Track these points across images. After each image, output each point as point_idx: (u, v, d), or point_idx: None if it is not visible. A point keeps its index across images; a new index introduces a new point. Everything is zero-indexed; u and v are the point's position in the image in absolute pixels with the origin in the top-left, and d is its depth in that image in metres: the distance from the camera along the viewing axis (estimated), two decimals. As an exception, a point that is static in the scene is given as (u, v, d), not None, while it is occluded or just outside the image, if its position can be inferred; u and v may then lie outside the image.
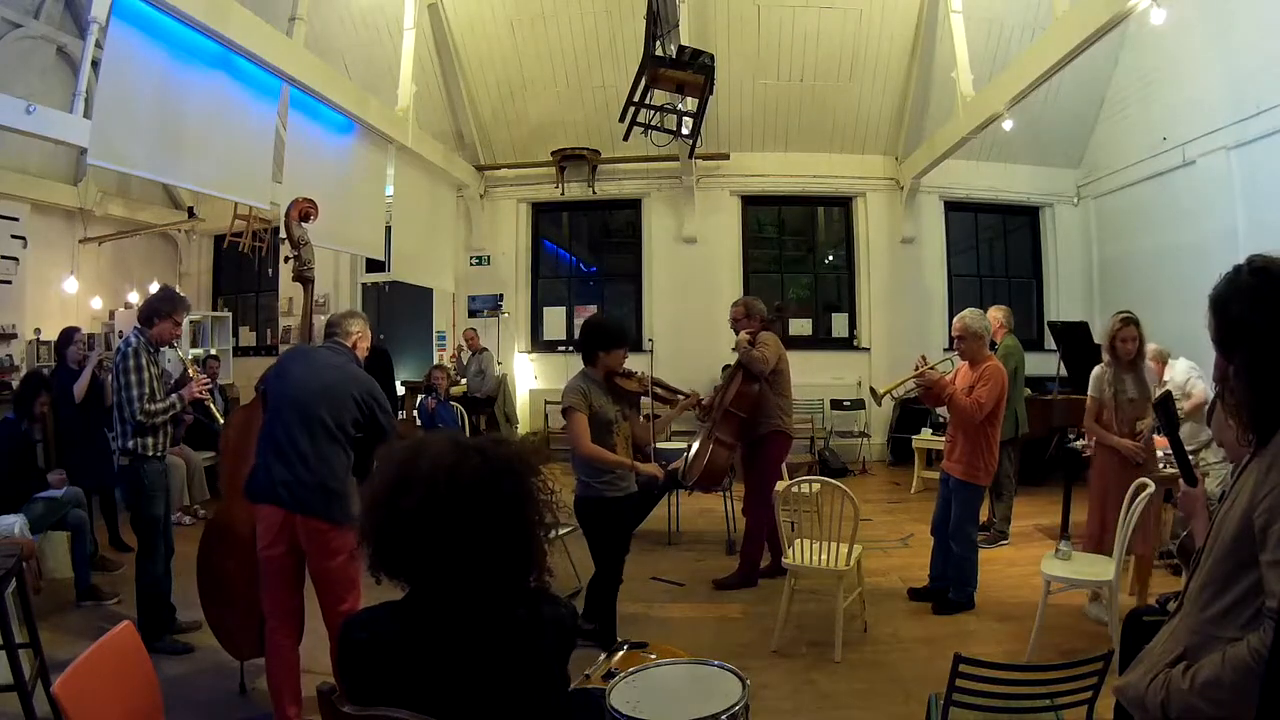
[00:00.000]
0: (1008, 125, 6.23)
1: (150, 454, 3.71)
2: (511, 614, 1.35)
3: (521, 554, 1.35)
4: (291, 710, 2.78)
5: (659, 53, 5.19)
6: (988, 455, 4.07)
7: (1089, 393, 4.17)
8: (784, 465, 4.86)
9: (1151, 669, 1.40)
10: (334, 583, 2.78)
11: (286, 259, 3.31)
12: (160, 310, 3.78)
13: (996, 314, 5.45)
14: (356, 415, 2.83)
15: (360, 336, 3.10)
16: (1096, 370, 4.19)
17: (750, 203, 9.38)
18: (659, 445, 5.49)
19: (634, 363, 5.22)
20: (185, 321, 4.82)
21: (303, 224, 3.30)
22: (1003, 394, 4.03)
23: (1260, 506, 1.25)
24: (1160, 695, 1.34)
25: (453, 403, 7.34)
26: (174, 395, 3.79)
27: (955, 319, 4.25)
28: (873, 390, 4.90)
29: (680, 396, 4.01)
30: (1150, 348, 4.73)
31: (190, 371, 3.99)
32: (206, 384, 3.94)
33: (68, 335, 5.26)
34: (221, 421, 4.09)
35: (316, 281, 3.36)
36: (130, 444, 3.66)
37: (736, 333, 4.60)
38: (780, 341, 4.70)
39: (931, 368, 4.27)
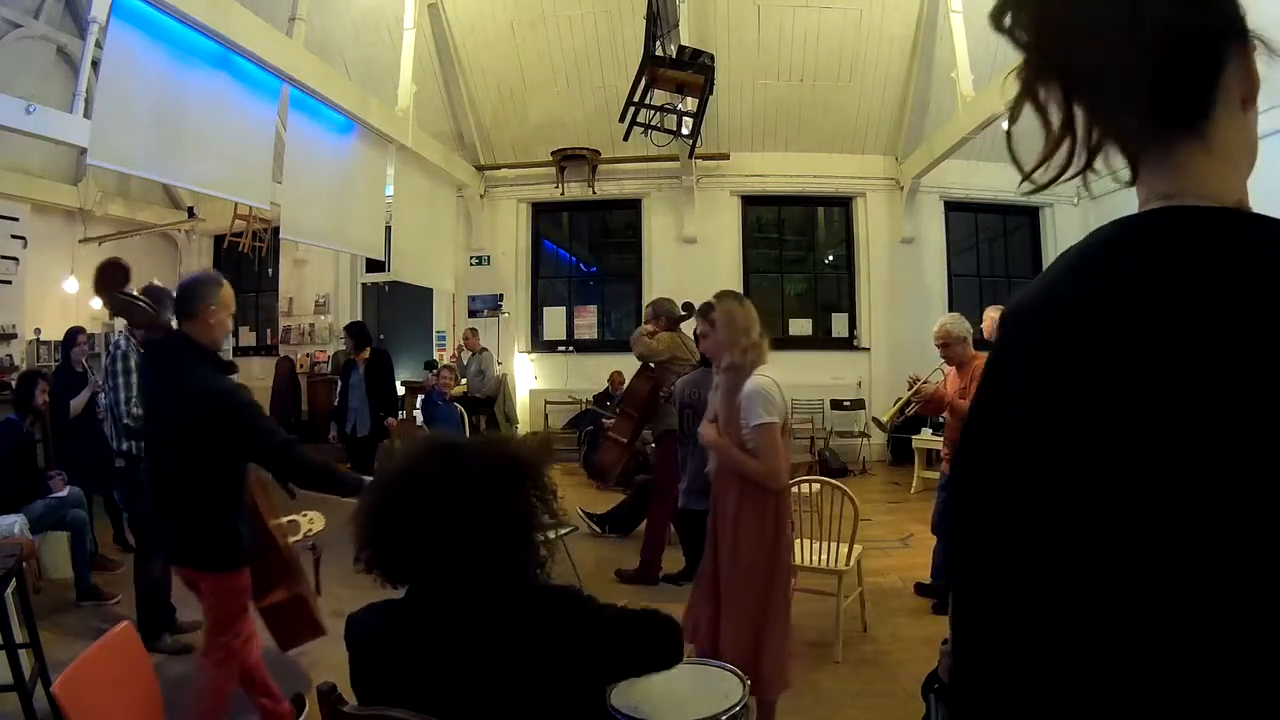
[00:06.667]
0: (1007, 125, 6.23)
1: (145, 456, 3.69)
2: (509, 613, 1.31)
3: (514, 551, 1.32)
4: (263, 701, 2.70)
5: (659, 53, 5.20)
6: None
7: None
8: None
9: None
10: (211, 623, 2.50)
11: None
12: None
13: (994, 314, 5.43)
14: (204, 438, 2.34)
15: (212, 309, 2.39)
16: None
17: (750, 203, 9.37)
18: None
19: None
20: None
21: (120, 292, 2.64)
22: None
23: None
24: None
25: (455, 403, 7.34)
26: None
27: (935, 327, 4.09)
28: (876, 420, 4.64)
29: None
30: None
31: None
32: None
33: (72, 336, 5.23)
34: None
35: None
36: (125, 446, 3.66)
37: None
38: (685, 342, 4.60)
39: (925, 381, 4.27)
